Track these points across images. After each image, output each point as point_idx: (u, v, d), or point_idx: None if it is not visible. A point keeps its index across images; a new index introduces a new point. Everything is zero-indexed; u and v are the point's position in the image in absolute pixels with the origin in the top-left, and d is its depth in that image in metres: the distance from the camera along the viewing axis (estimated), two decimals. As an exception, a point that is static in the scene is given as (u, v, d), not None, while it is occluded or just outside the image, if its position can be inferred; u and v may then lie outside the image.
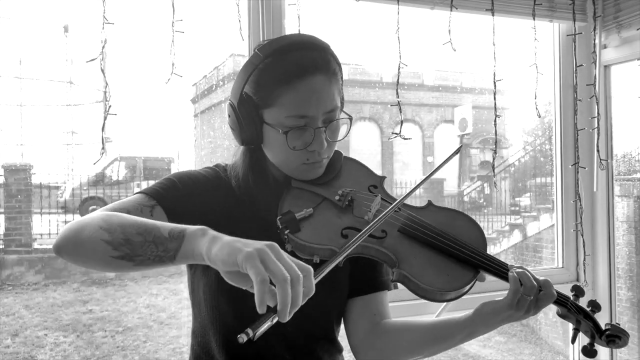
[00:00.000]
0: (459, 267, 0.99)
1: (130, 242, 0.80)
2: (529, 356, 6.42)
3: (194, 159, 13.15)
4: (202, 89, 13.76)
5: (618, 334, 1.03)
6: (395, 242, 1.00)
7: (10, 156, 10.88)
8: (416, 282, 0.96)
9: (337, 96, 1.02)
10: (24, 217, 8.06)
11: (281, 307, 0.68)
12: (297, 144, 0.99)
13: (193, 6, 5.86)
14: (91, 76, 10.65)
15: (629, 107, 2.56)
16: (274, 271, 0.69)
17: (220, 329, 1.04)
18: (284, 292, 0.68)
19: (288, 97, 0.96)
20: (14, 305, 6.87)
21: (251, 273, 0.69)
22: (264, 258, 0.70)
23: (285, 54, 0.98)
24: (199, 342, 1.08)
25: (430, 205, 1.09)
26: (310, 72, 0.97)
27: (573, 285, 1.12)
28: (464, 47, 2.13)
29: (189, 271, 1.10)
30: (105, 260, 0.81)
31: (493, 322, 0.99)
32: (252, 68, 0.99)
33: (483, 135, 16.05)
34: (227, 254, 0.72)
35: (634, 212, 3.92)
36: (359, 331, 1.10)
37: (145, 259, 0.80)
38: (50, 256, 8.02)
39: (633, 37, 2.02)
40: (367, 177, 1.11)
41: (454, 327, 1.02)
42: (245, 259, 0.70)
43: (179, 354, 5.62)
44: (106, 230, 0.82)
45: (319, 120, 0.99)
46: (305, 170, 1.03)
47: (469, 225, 1.06)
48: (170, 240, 0.79)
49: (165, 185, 1.00)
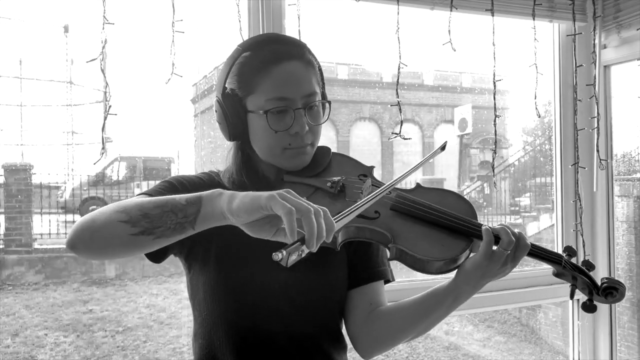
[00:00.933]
0: (452, 237, 1.02)
1: (148, 216, 0.82)
2: (529, 356, 6.42)
3: (194, 159, 13.14)
4: (202, 89, 13.76)
5: (615, 286, 1.05)
6: (389, 220, 1.03)
7: (10, 156, 10.89)
8: (413, 254, 0.98)
9: (316, 84, 1.06)
10: (24, 217, 8.06)
11: (309, 235, 0.72)
12: (278, 127, 1.01)
13: (193, 6, 5.86)
14: (91, 76, 10.65)
15: (629, 107, 2.56)
16: (297, 205, 0.74)
17: (225, 326, 1.04)
18: (310, 222, 0.73)
19: (266, 82, 1.01)
20: (14, 305, 6.87)
21: (277, 208, 0.73)
22: (285, 196, 0.75)
23: (262, 46, 1.04)
24: (201, 344, 1.08)
25: (419, 187, 1.13)
26: (286, 59, 1.02)
27: (565, 246, 1.13)
28: (464, 47, 2.13)
29: (187, 274, 1.10)
30: (124, 241, 0.83)
31: (475, 279, 1.00)
32: (232, 62, 1.05)
33: (483, 135, 16.05)
34: (249, 202, 0.76)
35: (634, 212, 3.93)
36: (355, 321, 1.12)
37: (166, 229, 0.82)
38: (50, 256, 8.03)
39: (633, 37, 2.03)
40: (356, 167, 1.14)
41: (440, 294, 1.05)
42: (269, 199, 0.74)
43: (179, 354, 5.62)
44: (122, 212, 0.83)
45: (298, 102, 1.02)
46: (290, 157, 1.05)
47: (457, 200, 1.10)
48: (189, 206, 0.81)
49: (166, 187, 1.02)
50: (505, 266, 1.00)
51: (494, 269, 0.99)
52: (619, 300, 1.07)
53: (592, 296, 1.07)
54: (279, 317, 1.04)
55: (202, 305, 1.06)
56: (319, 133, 1.08)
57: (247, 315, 1.03)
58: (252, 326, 1.03)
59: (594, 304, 1.07)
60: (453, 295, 1.03)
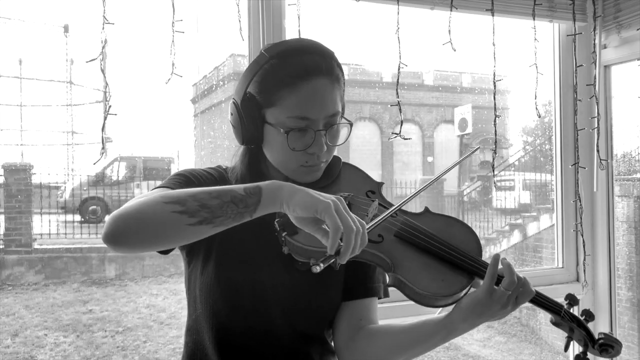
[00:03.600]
0: (454, 272, 1.00)
1: (207, 207, 0.83)
2: (529, 356, 6.42)
3: (194, 159, 13.15)
4: (202, 89, 13.76)
5: (611, 343, 1.04)
6: (392, 246, 1.00)
7: (10, 156, 10.89)
8: (411, 286, 0.96)
9: (339, 102, 1.03)
10: (24, 217, 8.06)
11: (345, 250, 0.80)
12: (297, 145, 0.99)
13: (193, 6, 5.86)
14: (91, 76, 10.65)
15: (629, 107, 2.56)
16: (345, 222, 0.81)
17: (214, 326, 1.04)
18: (349, 241, 0.80)
19: (291, 98, 0.97)
20: (14, 305, 6.87)
21: (329, 222, 0.80)
22: (338, 209, 0.81)
23: (290, 56, 0.99)
24: (194, 339, 1.08)
25: (427, 211, 1.10)
26: (314, 75, 0.98)
27: (567, 294, 1.11)
28: (464, 47, 2.13)
29: (187, 268, 1.10)
30: (180, 231, 0.83)
31: (472, 317, 0.98)
32: (257, 68, 1.01)
33: (483, 135, 16.05)
34: (309, 202, 0.82)
35: (634, 212, 3.93)
36: (343, 334, 1.10)
37: (226, 218, 0.84)
38: (50, 256, 8.03)
39: (633, 37, 2.02)
40: (365, 182, 1.12)
41: (433, 326, 1.02)
42: (325, 209, 0.80)
43: (179, 354, 5.62)
44: (175, 203, 0.83)
45: (320, 123, 0.99)
46: (303, 173, 1.04)
47: (464, 232, 1.07)
48: (249, 196, 0.84)
49: (182, 180, 1.01)
50: (505, 309, 0.97)
51: (493, 309, 0.97)
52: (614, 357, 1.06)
53: (587, 349, 1.06)
54: (270, 323, 1.04)
55: (197, 303, 1.06)
56: (334, 150, 1.07)
57: (239, 318, 1.03)
58: (241, 330, 1.03)
59: (587, 358, 1.05)
60: (446, 330, 1.01)
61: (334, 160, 1.11)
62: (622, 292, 3.64)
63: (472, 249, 1.03)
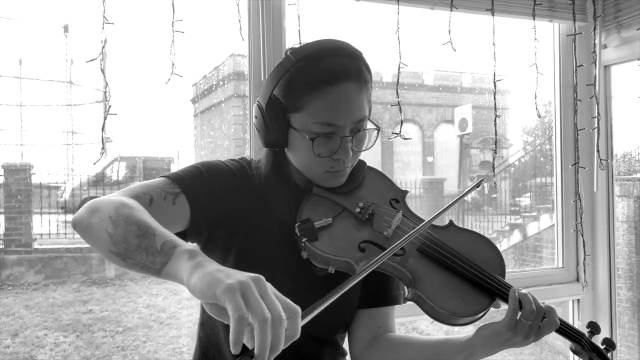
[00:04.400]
0: (475, 292, 0.97)
1: (126, 242, 0.79)
2: (529, 356, 6.42)
3: (194, 159, 13.13)
4: (202, 89, 13.74)
5: None
6: (414, 261, 0.98)
7: (10, 156, 10.88)
8: (430, 304, 0.95)
9: (367, 105, 1.01)
10: (24, 217, 8.06)
11: (259, 350, 0.60)
12: (322, 151, 0.97)
13: (193, 6, 5.84)
14: (91, 76, 10.64)
15: (629, 107, 2.56)
16: (254, 308, 0.62)
17: (228, 325, 1.03)
18: (262, 334, 0.61)
19: (317, 104, 0.95)
20: (14, 305, 6.87)
21: (229, 308, 0.62)
22: (245, 293, 0.63)
23: (317, 60, 0.97)
24: (208, 334, 1.08)
25: (451, 225, 1.07)
26: (342, 80, 0.95)
27: (589, 322, 1.10)
28: (464, 47, 2.12)
29: None
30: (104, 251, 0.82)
31: (492, 345, 0.97)
32: (284, 71, 0.98)
33: (483, 135, 16.05)
34: (206, 285, 0.66)
35: (634, 212, 3.92)
36: (361, 342, 1.09)
37: (135, 264, 0.78)
38: (50, 256, 8.03)
39: (633, 37, 2.02)
40: (389, 190, 1.09)
41: (454, 348, 1.01)
42: (225, 292, 0.63)
43: (179, 354, 5.62)
44: (112, 222, 0.81)
45: (347, 130, 0.97)
46: (328, 178, 1.02)
47: (488, 250, 1.04)
48: (160, 254, 0.75)
49: (192, 173, 0.99)
50: (528, 339, 0.96)
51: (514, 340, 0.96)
52: None
53: None
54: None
55: None
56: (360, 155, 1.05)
57: None
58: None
59: None
60: (467, 352, 1.00)
61: (358, 164, 1.09)
62: (622, 292, 3.63)
63: (495, 268, 1.01)
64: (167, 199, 0.93)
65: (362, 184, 1.08)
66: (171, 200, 0.93)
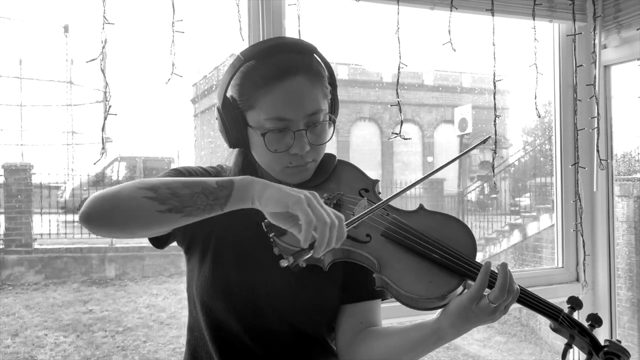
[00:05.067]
0: (443, 274, 0.95)
1: (178, 195, 0.83)
2: (529, 356, 6.42)
3: (194, 159, 13.14)
4: (202, 89, 13.75)
5: (617, 352, 0.97)
6: (379, 246, 0.98)
7: (10, 156, 10.89)
8: (397, 288, 0.93)
9: (322, 98, 1.01)
10: (24, 217, 8.06)
11: (319, 243, 0.78)
12: (277, 147, 0.98)
13: (193, 6, 5.86)
14: (91, 76, 10.65)
15: (629, 107, 2.56)
16: (318, 215, 0.79)
17: (211, 325, 1.04)
18: (323, 234, 0.78)
19: (267, 100, 0.96)
20: (14, 305, 6.87)
21: (301, 215, 0.78)
22: (310, 203, 0.80)
23: (265, 57, 0.99)
24: (196, 336, 1.08)
25: (421, 209, 1.06)
26: (290, 74, 0.96)
27: (570, 296, 1.04)
28: (464, 47, 2.13)
29: (187, 266, 1.10)
30: (149, 216, 0.83)
31: (460, 323, 0.94)
32: (234, 71, 1.00)
33: (483, 135, 16.04)
34: (280, 197, 0.81)
35: (634, 212, 3.92)
36: (345, 338, 1.09)
37: (195, 209, 0.84)
38: (50, 256, 8.03)
39: (633, 37, 2.02)
40: (358, 180, 1.09)
41: (423, 330, 0.99)
42: (296, 202, 0.79)
43: (179, 354, 5.62)
44: (149, 189, 0.84)
45: (300, 123, 0.98)
46: (290, 174, 1.02)
47: (459, 231, 1.02)
48: (220, 189, 0.84)
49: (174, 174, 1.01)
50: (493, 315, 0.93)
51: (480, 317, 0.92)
52: None
53: (591, 357, 0.98)
54: (268, 323, 1.03)
55: (196, 301, 1.06)
56: (323, 149, 1.05)
57: (234, 317, 1.02)
58: (238, 329, 1.03)
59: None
60: (436, 335, 0.98)
61: (327, 158, 1.09)
62: (622, 292, 3.63)
63: (465, 249, 0.98)
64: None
65: (331, 177, 1.08)
66: None
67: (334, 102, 1.07)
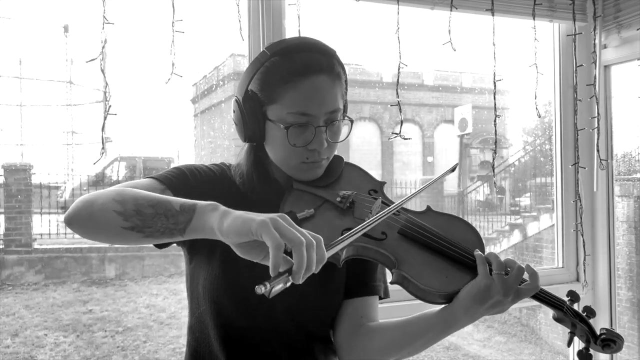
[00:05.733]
0: (457, 269, 1.01)
1: (141, 214, 0.82)
2: (529, 356, 6.42)
3: (194, 159, 13.14)
4: (202, 89, 13.75)
5: (613, 338, 1.05)
6: (395, 243, 1.01)
7: (10, 156, 10.89)
8: (415, 283, 0.97)
9: (340, 99, 1.04)
10: (24, 217, 8.06)
11: (297, 268, 0.70)
12: (297, 141, 1.00)
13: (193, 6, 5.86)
14: (91, 76, 10.65)
15: (629, 107, 2.56)
16: (289, 237, 0.72)
17: (219, 323, 1.04)
18: (300, 255, 0.71)
19: (291, 95, 0.99)
20: (14, 305, 6.87)
21: (267, 239, 0.71)
22: (277, 225, 0.73)
23: (291, 54, 1.01)
24: (196, 337, 1.08)
25: (429, 210, 1.12)
26: (314, 72, 0.99)
27: (569, 290, 1.13)
28: (464, 47, 2.13)
29: (188, 265, 1.10)
30: (115, 231, 0.83)
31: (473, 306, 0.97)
32: (259, 65, 1.02)
33: (483, 135, 16.05)
34: (240, 224, 0.75)
35: (634, 212, 3.92)
36: (343, 331, 1.11)
37: (155, 230, 0.82)
38: (50, 256, 8.03)
39: (633, 37, 2.02)
40: (367, 181, 1.13)
41: (432, 318, 1.02)
42: (260, 226, 0.72)
43: (179, 354, 5.62)
44: (119, 202, 0.83)
45: (321, 120, 1.01)
46: (304, 170, 1.04)
47: (466, 230, 1.09)
48: (181, 213, 0.81)
49: (176, 173, 1.02)
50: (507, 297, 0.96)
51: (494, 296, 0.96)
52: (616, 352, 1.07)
53: (589, 345, 1.07)
54: (276, 321, 1.04)
55: (200, 300, 1.06)
56: (336, 148, 1.08)
57: (244, 315, 1.03)
58: (246, 326, 1.03)
59: (590, 353, 1.06)
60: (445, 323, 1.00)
61: (336, 159, 1.12)
62: (622, 292, 3.63)
63: (474, 246, 1.05)
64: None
65: (340, 178, 1.11)
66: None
67: (346, 105, 1.11)
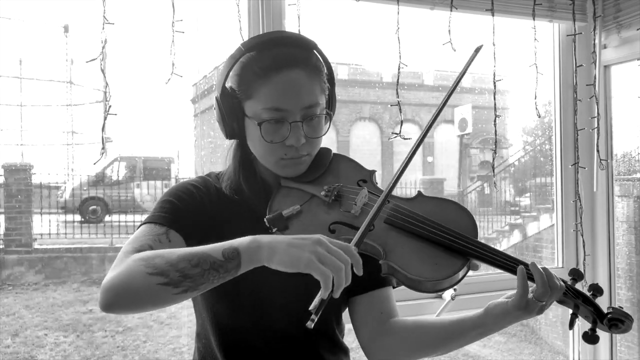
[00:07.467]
0: (447, 255, 0.97)
1: (189, 277, 0.82)
2: (529, 356, 6.42)
3: (194, 159, 13.12)
4: (202, 89, 13.74)
5: (621, 318, 0.98)
6: (382, 233, 0.99)
7: (10, 156, 10.87)
8: (404, 272, 0.95)
9: (319, 93, 1.02)
10: (24, 217, 8.06)
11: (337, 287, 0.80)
12: (273, 137, 0.99)
13: (193, 6, 5.84)
14: (91, 76, 10.64)
15: (629, 107, 2.56)
16: (333, 267, 0.80)
17: (218, 329, 1.04)
18: (339, 279, 0.80)
19: (265, 90, 0.98)
20: (14, 305, 6.87)
21: (317, 275, 0.79)
22: (321, 259, 0.80)
23: (265, 48, 1.00)
24: (204, 344, 1.09)
25: (419, 195, 1.08)
26: (288, 66, 0.98)
27: (571, 269, 1.07)
28: (464, 47, 2.12)
29: None
30: (167, 298, 0.83)
31: (503, 323, 1.00)
32: (234, 61, 1.01)
33: (483, 135, 16.04)
34: (289, 262, 0.81)
35: (634, 212, 3.92)
36: (367, 330, 1.09)
37: (210, 283, 0.83)
38: (50, 256, 8.03)
39: (633, 37, 2.02)
40: (356, 171, 1.11)
41: (466, 326, 1.03)
42: (307, 265, 0.80)
43: (179, 354, 5.62)
44: (158, 274, 0.82)
45: (297, 115, 0.99)
46: (284, 166, 1.03)
47: (458, 213, 1.04)
48: (228, 261, 0.83)
49: (166, 208, 1.00)
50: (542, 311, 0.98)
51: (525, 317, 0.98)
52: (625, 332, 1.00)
53: (596, 325, 1.00)
54: (274, 322, 1.04)
55: (201, 308, 1.06)
56: (318, 143, 1.06)
57: (240, 318, 1.03)
58: (245, 329, 1.03)
59: (596, 334, 0.99)
60: (479, 330, 1.02)
61: (323, 152, 1.10)
62: (622, 292, 3.63)
63: (466, 230, 1.00)
64: (162, 240, 0.95)
65: (328, 170, 1.09)
66: (166, 239, 0.96)
67: (331, 99, 1.08)
